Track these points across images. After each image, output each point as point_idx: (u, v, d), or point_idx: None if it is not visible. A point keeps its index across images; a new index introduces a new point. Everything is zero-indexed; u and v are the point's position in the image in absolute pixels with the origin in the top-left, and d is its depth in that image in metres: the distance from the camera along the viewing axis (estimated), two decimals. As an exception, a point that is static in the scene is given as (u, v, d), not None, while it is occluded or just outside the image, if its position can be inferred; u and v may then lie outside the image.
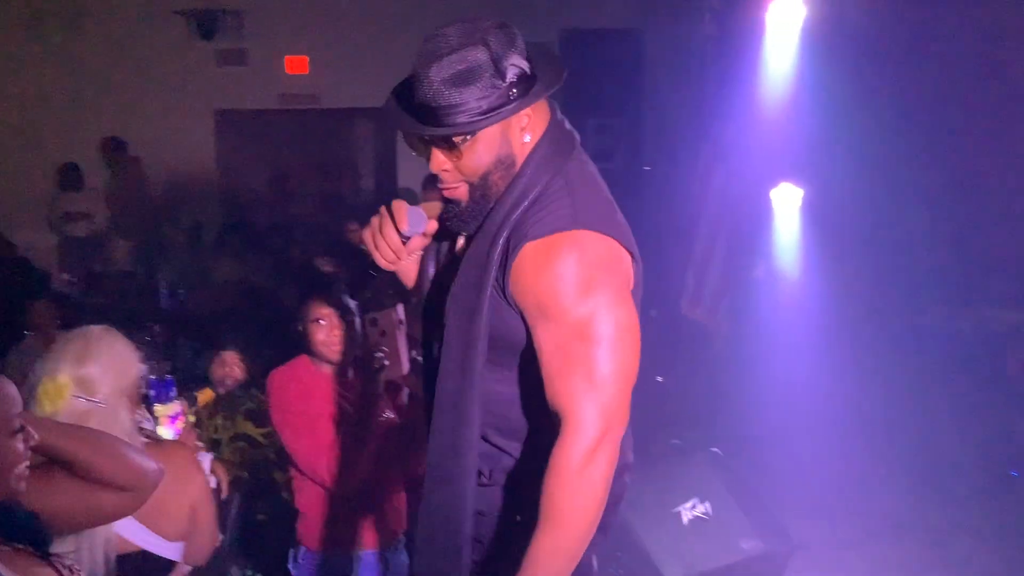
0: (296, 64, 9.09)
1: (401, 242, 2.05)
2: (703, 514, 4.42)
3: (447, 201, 2.00)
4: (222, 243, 7.60)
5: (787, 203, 5.97)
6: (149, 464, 2.00)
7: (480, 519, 2.02)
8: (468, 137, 1.88)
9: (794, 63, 5.63)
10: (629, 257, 1.96)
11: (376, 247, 2.05)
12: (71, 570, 1.83)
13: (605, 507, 1.93)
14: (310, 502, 3.19)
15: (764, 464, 5.10)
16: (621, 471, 2.02)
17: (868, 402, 5.68)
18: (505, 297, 1.92)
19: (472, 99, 1.83)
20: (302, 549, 3.26)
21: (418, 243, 2.09)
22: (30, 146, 8.38)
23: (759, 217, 6.05)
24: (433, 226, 2.06)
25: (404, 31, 8.40)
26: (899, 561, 4.66)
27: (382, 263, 2.07)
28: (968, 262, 5.74)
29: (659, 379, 6.17)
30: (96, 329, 2.41)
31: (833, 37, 5.43)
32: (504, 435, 2.02)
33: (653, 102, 6.49)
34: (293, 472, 3.25)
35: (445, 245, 2.13)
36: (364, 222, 2.16)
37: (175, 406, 2.79)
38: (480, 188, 1.94)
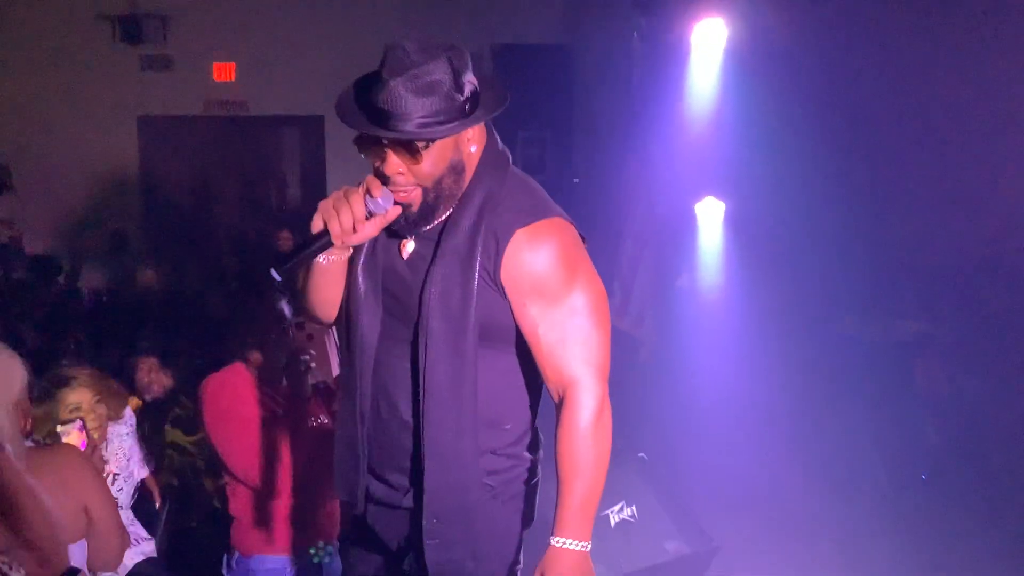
0: (224, 71, 9.00)
1: (364, 214, 2.08)
2: (630, 517, 4.53)
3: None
4: (146, 248, 7.51)
5: (710, 216, 6.15)
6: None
7: (483, 493, 2.21)
8: (429, 144, 2.03)
9: (717, 81, 5.81)
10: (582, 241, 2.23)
11: (337, 213, 2.07)
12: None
13: (530, 494, 2.32)
14: (243, 507, 3.18)
15: (687, 468, 5.23)
16: (535, 465, 2.34)
17: (785, 408, 5.86)
18: (494, 283, 2.11)
19: (434, 109, 1.99)
20: (236, 555, 3.25)
21: (372, 228, 2.12)
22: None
23: (683, 230, 6.21)
24: (396, 211, 2.11)
25: (332, 40, 8.43)
26: (815, 561, 4.81)
27: (336, 232, 2.07)
28: (879, 273, 5.96)
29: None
30: None
31: (754, 57, 5.61)
32: (489, 416, 2.20)
33: (582, 116, 6.62)
34: (226, 478, 3.25)
35: (391, 251, 2.22)
36: (292, 229, 2.22)
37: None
38: (433, 191, 2.09)
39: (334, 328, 2.71)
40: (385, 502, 2.30)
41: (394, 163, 2.06)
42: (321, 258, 2.18)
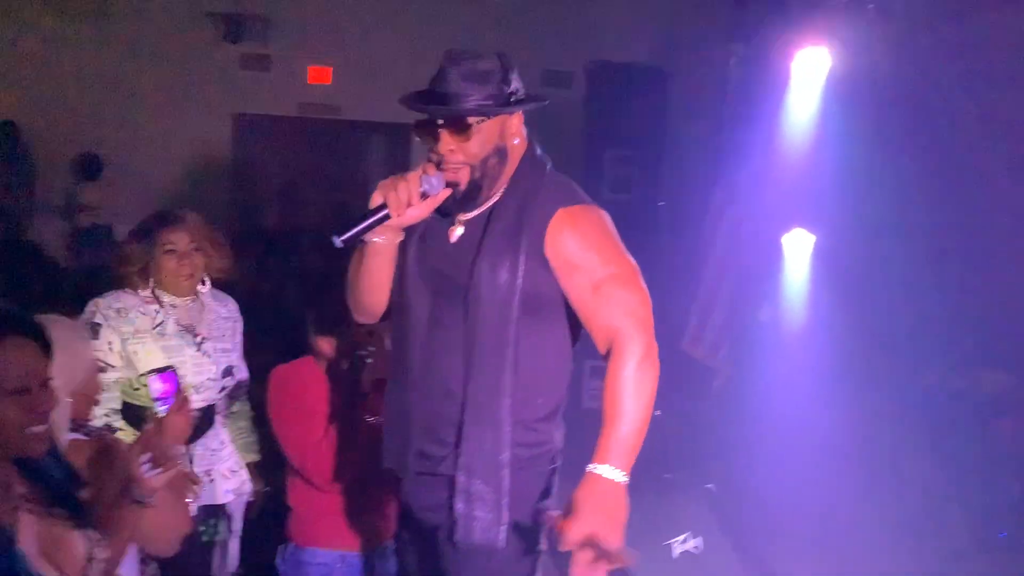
0: (319, 74, 9.16)
1: (420, 191, 2.34)
2: (694, 548, 4.45)
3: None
4: (233, 245, 7.63)
5: (798, 249, 6.01)
6: None
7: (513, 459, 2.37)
8: (479, 123, 2.31)
9: (816, 111, 5.69)
10: None
11: (396, 189, 2.33)
12: (97, 543, 1.87)
13: (551, 479, 2.46)
14: (299, 499, 3.22)
15: (756, 503, 5.12)
16: (557, 452, 2.50)
17: (861, 454, 5.70)
18: (539, 257, 2.35)
19: (484, 94, 2.31)
20: (290, 546, 3.27)
21: (425, 208, 2.38)
22: (52, 141, 8.42)
23: (768, 261, 6.09)
24: (446, 192, 2.37)
25: (429, 49, 8.50)
26: (883, 612, 4.67)
27: (393, 204, 2.33)
28: (969, 322, 5.78)
29: (657, 412, 6.20)
30: (48, 320, 2.26)
31: (857, 88, 5.49)
32: (527, 383, 2.39)
33: (673, 139, 6.56)
34: (288, 469, 3.27)
35: (440, 234, 2.47)
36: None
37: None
38: (479, 170, 2.36)
39: None
40: (423, 471, 2.48)
41: (447, 141, 2.33)
42: (377, 237, 2.40)
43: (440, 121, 2.33)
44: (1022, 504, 5.42)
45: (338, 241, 2.31)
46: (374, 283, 2.50)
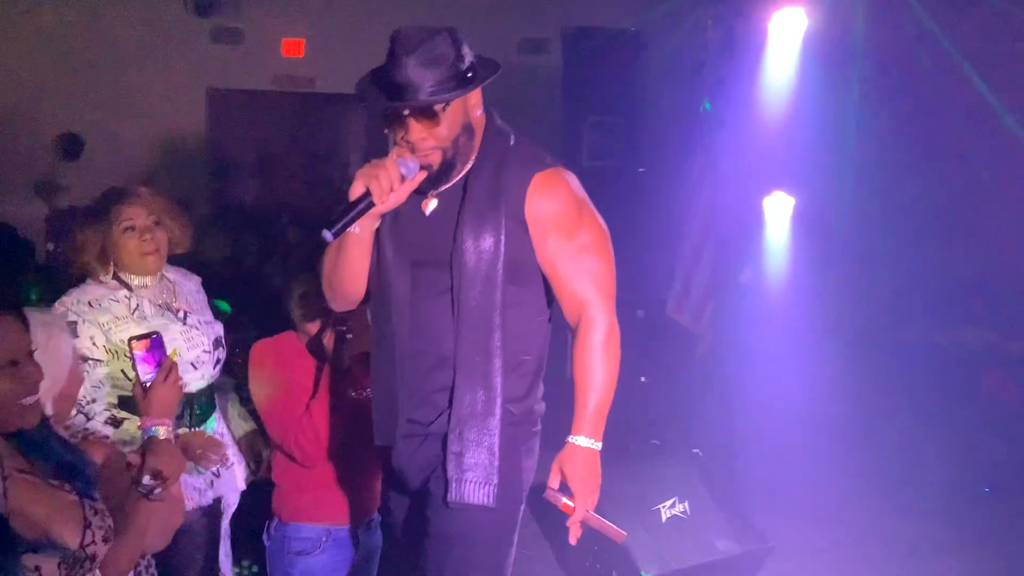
0: (292, 47, 9.04)
1: (399, 176, 2.37)
2: (681, 513, 4.47)
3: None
4: (211, 221, 7.57)
5: (778, 211, 6.02)
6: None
7: (504, 417, 2.44)
8: (444, 107, 2.35)
9: (794, 73, 5.67)
10: None
11: (377, 177, 2.35)
12: (97, 511, 1.85)
13: (534, 444, 2.56)
14: (283, 474, 3.21)
15: (742, 467, 5.16)
16: (536, 418, 2.57)
17: (845, 411, 5.75)
18: (521, 223, 2.42)
19: (444, 77, 2.33)
20: (275, 521, 3.26)
21: (404, 192, 2.40)
22: (20, 118, 8.29)
23: (749, 224, 6.10)
24: (422, 174, 2.41)
25: (404, 19, 8.40)
26: (869, 569, 4.72)
27: (376, 192, 2.35)
28: (950, 281, 5.82)
29: (642, 379, 6.22)
30: (33, 314, 2.13)
31: (834, 49, 5.48)
32: (513, 343, 2.45)
33: (651, 104, 6.52)
34: (272, 444, 3.26)
35: (405, 212, 2.48)
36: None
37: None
38: (451, 150, 2.40)
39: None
40: (412, 434, 2.52)
41: (417, 129, 2.37)
42: (356, 228, 2.42)
43: (407, 112, 2.35)
44: (1005, 459, 5.49)
45: (328, 236, 2.34)
46: (354, 272, 2.53)
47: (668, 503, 4.46)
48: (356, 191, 2.37)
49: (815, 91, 5.55)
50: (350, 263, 2.51)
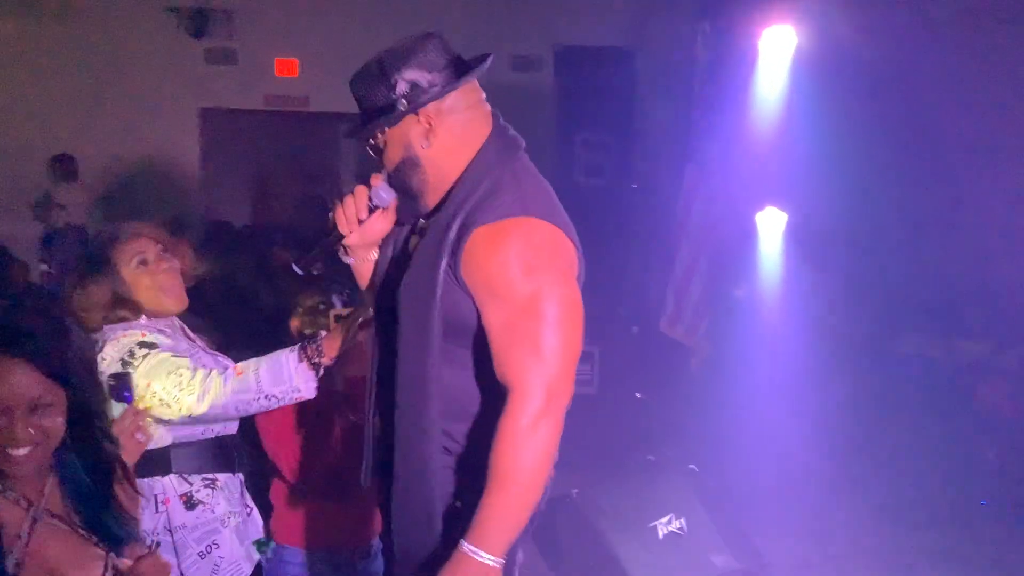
0: (286, 66, 9.08)
1: (367, 206, 2.23)
2: (678, 529, 4.46)
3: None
4: (204, 241, 7.57)
5: (771, 227, 6.05)
6: None
7: (447, 492, 2.15)
8: (378, 136, 2.17)
9: (784, 89, 5.71)
10: (573, 248, 2.16)
11: (343, 208, 2.23)
12: (120, 572, 1.81)
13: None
14: (280, 498, 3.17)
15: (738, 482, 5.15)
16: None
17: (841, 426, 5.75)
18: (457, 280, 2.07)
19: (371, 106, 2.14)
20: (272, 545, 3.24)
21: (377, 222, 2.26)
22: (14, 139, 8.30)
23: (742, 239, 6.12)
24: (394, 204, 2.25)
25: (396, 37, 8.45)
26: (867, 583, 4.72)
27: (341, 223, 2.24)
28: (944, 293, 5.84)
29: (637, 395, 6.23)
30: None
31: (824, 65, 5.51)
32: (454, 418, 2.15)
33: (643, 121, 6.55)
34: (269, 467, 3.24)
35: (399, 245, 2.32)
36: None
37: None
38: (395, 180, 2.20)
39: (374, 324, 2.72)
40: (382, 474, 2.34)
41: (371, 153, 2.24)
42: (347, 259, 2.32)
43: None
44: (1001, 472, 5.49)
45: (297, 269, 2.31)
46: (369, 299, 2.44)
47: (664, 519, 4.44)
48: (332, 223, 2.27)
49: (805, 107, 5.58)
50: (362, 292, 2.42)
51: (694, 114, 6.10)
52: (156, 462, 2.56)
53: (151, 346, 2.53)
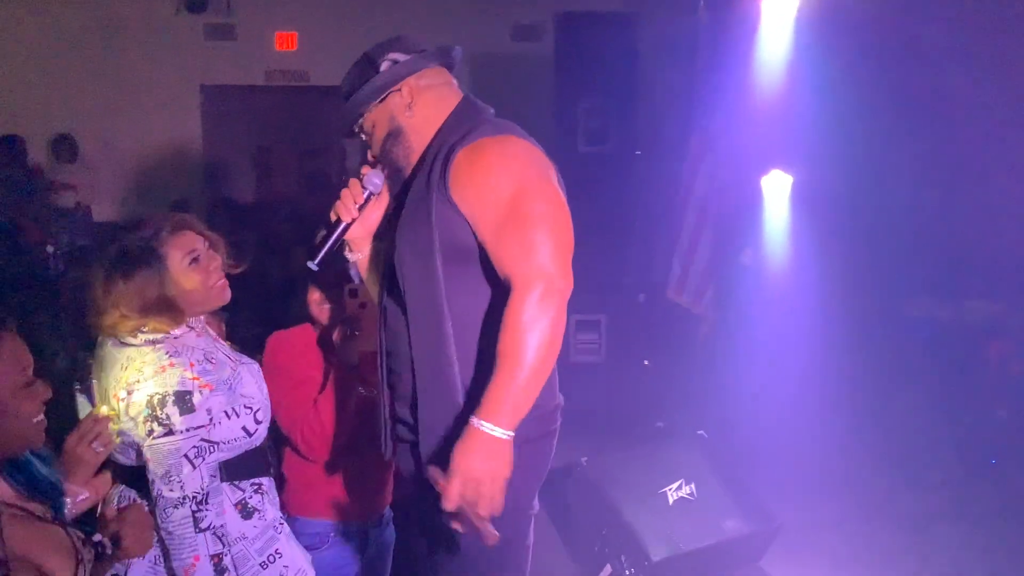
0: (285, 40, 9.02)
1: (362, 193, 2.45)
2: (688, 495, 4.47)
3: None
4: (210, 219, 7.56)
5: (777, 190, 6.01)
6: None
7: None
8: (363, 123, 2.41)
9: (788, 52, 5.65)
10: (552, 166, 2.31)
11: (342, 201, 2.45)
12: (85, 542, 1.84)
13: (541, 439, 2.31)
14: (293, 469, 3.18)
15: (748, 447, 5.15)
16: (554, 410, 2.37)
17: (851, 388, 5.74)
18: (450, 203, 2.20)
19: (359, 87, 2.37)
20: (284, 515, 3.25)
21: (373, 209, 2.48)
22: (16, 117, 8.28)
23: (748, 204, 6.09)
24: (386, 190, 2.46)
25: (395, 8, 8.40)
26: (878, 544, 4.73)
27: (342, 213, 2.45)
28: (952, 253, 5.80)
29: (645, 363, 6.23)
30: None
31: (828, 26, 5.45)
32: (470, 339, 2.24)
33: (647, 87, 6.49)
34: (282, 438, 3.25)
35: (391, 215, 2.47)
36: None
37: None
38: (383, 159, 2.41)
39: None
40: (403, 439, 2.41)
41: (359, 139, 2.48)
42: (352, 255, 2.55)
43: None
44: (1010, 430, 5.48)
45: (313, 265, 2.42)
46: (372, 288, 2.62)
47: (674, 485, 4.46)
48: (332, 218, 2.46)
49: (810, 68, 5.52)
50: (368, 286, 2.62)
51: (698, 78, 6.04)
52: None
53: (187, 405, 2.32)
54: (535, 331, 2.07)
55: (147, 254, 2.36)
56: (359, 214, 2.45)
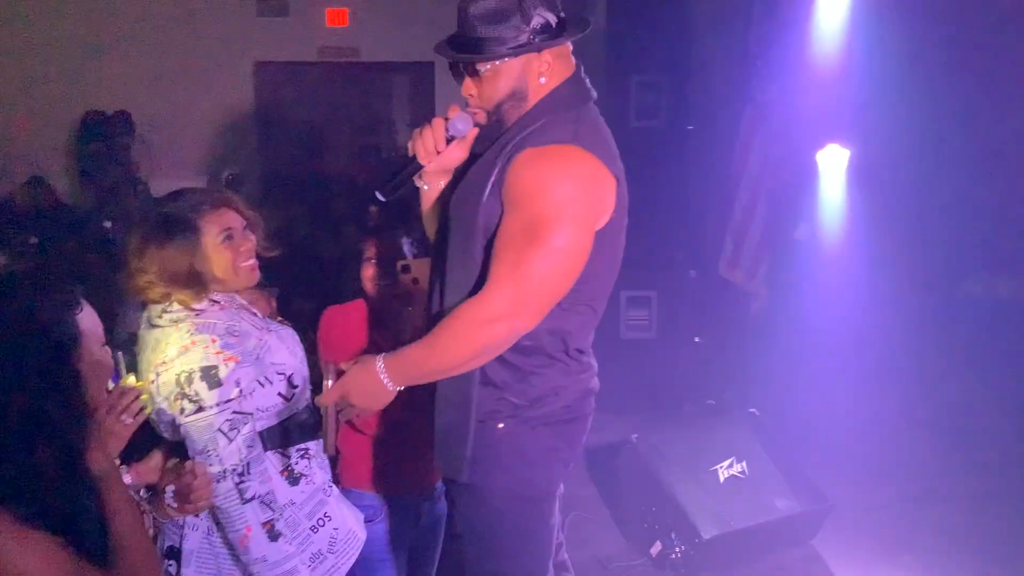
0: (336, 16, 9.04)
1: (445, 137, 2.30)
2: (739, 473, 4.45)
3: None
4: (264, 195, 7.64)
5: (833, 165, 5.90)
6: None
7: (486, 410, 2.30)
8: (489, 66, 2.22)
9: (845, 22, 5.53)
10: (614, 181, 2.24)
11: (421, 136, 2.30)
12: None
13: (574, 422, 2.35)
14: (346, 441, 3.20)
15: (800, 425, 5.11)
16: (589, 392, 2.39)
17: (905, 366, 5.65)
18: (500, 194, 2.18)
19: (498, 35, 2.18)
20: (339, 488, 3.29)
21: (455, 151, 2.33)
22: (70, 93, 8.42)
23: (802, 179, 5.99)
24: (474, 132, 2.32)
25: (445, -15, 8.38)
26: (931, 525, 4.67)
27: (420, 153, 2.31)
28: (1012, 229, 5.66)
29: (696, 340, 6.18)
30: None
31: (886, -3, 5.33)
32: None
33: (700, 61, 6.39)
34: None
35: (458, 174, 2.39)
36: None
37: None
38: (494, 114, 2.27)
39: None
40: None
41: (466, 84, 2.28)
42: (423, 184, 2.41)
43: (453, 59, 2.29)
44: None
45: (380, 196, 2.32)
46: (430, 227, 2.52)
47: (726, 463, 4.44)
48: (411, 151, 2.34)
49: (867, 40, 5.39)
50: (427, 217, 2.51)
51: (752, 51, 5.94)
52: None
53: (214, 379, 2.34)
54: (473, 341, 2.13)
55: (184, 225, 2.39)
56: (436, 157, 2.33)
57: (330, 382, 2.27)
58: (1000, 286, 5.84)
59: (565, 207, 2.11)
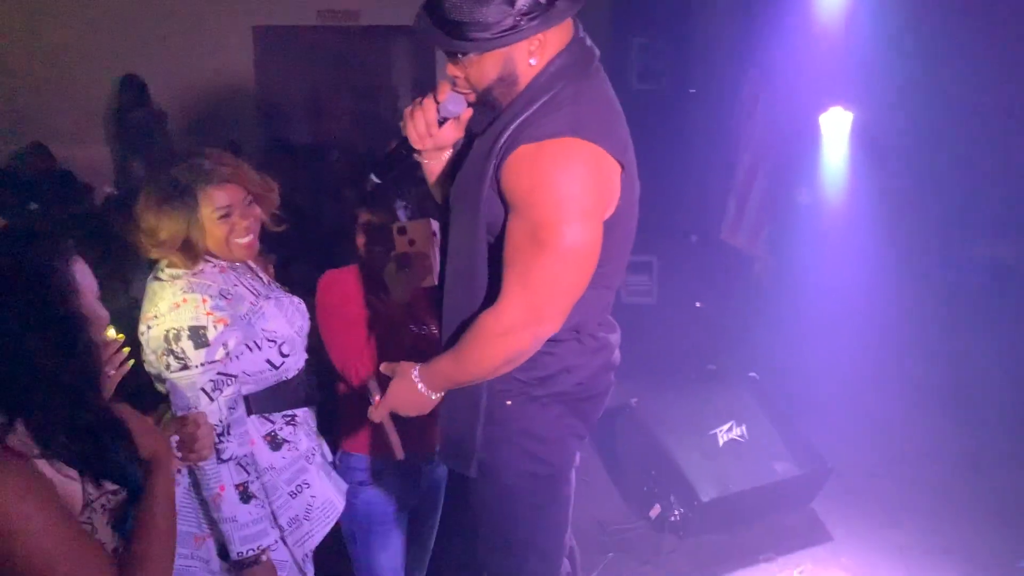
0: (336, -22, 8.97)
1: (436, 119, 2.20)
2: (739, 436, 4.46)
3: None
4: (263, 161, 7.61)
5: (836, 128, 5.86)
6: None
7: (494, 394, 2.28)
8: (471, 55, 2.05)
9: (849, -17, 5.49)
10: (619, 168, 2.10)
11: (412, 118, 2.21)
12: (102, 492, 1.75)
13: (589, 400, 2.32)
14: (346, 405, 3.22)
15: (799, 389, 5.11)
16: (607, 368, 2.34)
17: (907, 331, 5.65)
18: (498, 186, 2.09)
19: (480, 19, 1.98)
20: (340, 451, 3.30)
21: (449, 131, 2.24)
22: (80, 60, 8.38)
23: (805, 142, 5.95)
24: (468, 112, 2.21)
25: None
26: (930, 487, 4.69)
27: (413, 136, 2.22)
28: (1014, 192, 5.63)
29: (697, 304, 6.18)
30: None
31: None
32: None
33: (701, 24, 6.34)
34: (336, 375, 3.28)
35: (458, 153, 2.30)
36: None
37: None
38: (482, 98, 2.14)
39: (439, 237, 2.74)
40: None
41: (451, 67, 2.13)
42: (422, 159, 2.31)
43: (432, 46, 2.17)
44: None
45: (375, 178, 2.28)
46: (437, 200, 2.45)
47: (725, 427, 4.45)
48: (403, 132, 2.24)
49: (871, 1, 5.34)
50: (432, 190, 2.43)
51: (755, 12, 5.89)
52: None
53: (202, 339, 2.38)
54: (494, 351, 2.12)
55: (185, 194, 2.42)
56: (430, 139, 2.23)
57: (377, 397, 2.37)
58: (1002, 249, 5.82)
59: (568, 207, 2.01)
